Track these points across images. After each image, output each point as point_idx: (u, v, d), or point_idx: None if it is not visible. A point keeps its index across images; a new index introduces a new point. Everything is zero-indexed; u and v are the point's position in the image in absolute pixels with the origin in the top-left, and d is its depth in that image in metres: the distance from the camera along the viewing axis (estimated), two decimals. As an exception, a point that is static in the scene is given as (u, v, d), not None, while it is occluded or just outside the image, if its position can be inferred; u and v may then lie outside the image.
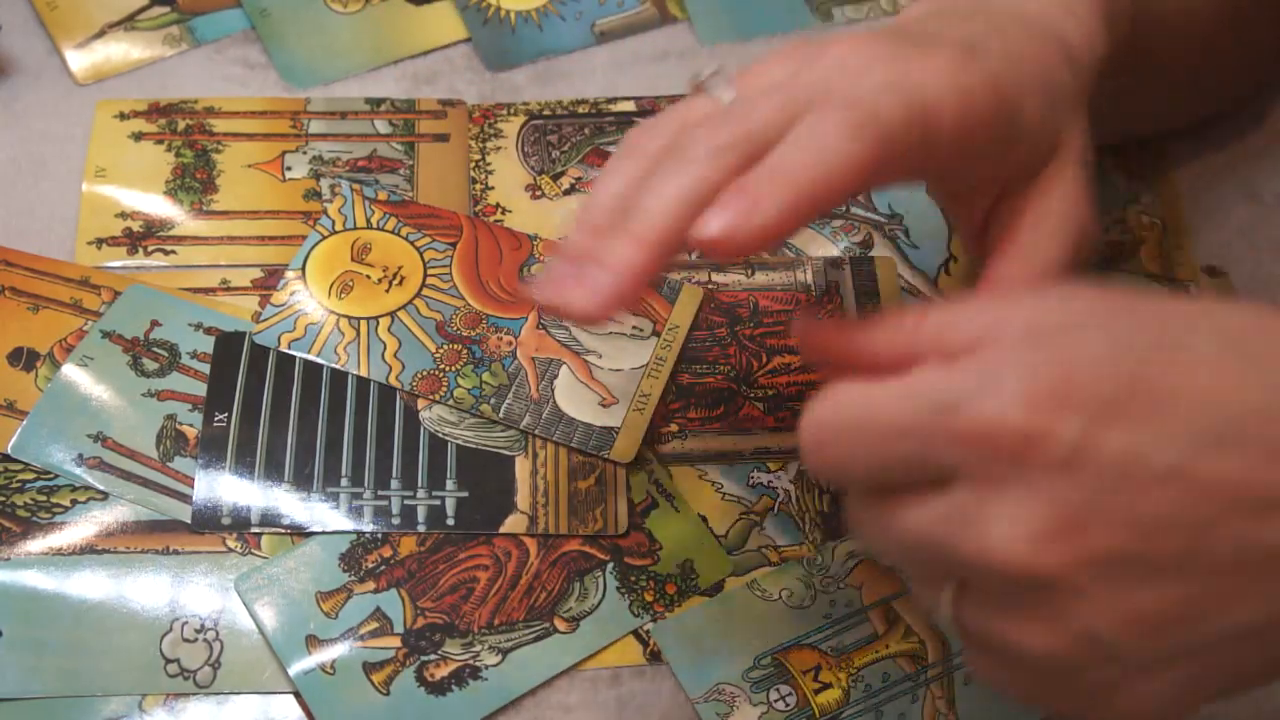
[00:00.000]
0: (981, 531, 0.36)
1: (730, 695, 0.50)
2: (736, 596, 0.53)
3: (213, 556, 0.53)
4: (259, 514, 0.53)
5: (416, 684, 0.50)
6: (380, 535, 0.53)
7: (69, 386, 0.56)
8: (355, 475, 0.54)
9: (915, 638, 0.52)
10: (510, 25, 0.67)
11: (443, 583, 0.52)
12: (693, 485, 0.55)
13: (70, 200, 0.61)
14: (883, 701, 0.51)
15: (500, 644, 0.51)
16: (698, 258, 0.60)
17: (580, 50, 0.67)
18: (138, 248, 0.60)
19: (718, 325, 0.59)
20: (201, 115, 0.63)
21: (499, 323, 0.58)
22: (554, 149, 0.63)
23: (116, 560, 0.52)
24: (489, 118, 0.64)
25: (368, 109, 0.64)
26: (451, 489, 0.54)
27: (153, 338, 0.57)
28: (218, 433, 0.55)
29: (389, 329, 0.57)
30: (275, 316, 0.58)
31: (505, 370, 0.57)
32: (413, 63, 0.66)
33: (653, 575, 0.53)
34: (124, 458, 0.54)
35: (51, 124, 0.63)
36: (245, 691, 0.50)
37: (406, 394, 0.56)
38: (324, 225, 0.60)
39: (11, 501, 0.53)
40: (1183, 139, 0.63)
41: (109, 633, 0.51)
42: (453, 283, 0.59)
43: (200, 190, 0.61)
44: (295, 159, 0.62)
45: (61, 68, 0.65)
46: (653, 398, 0.56)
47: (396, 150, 0.63)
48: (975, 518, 0.36)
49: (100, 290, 0.58)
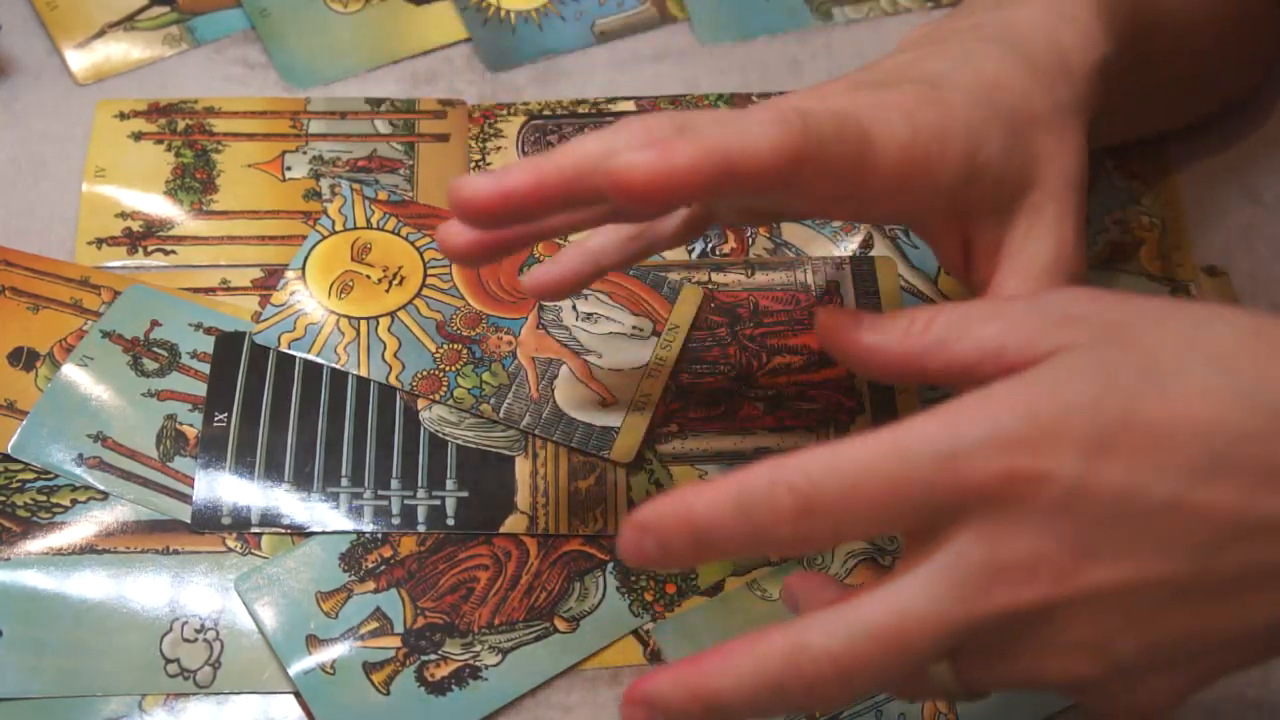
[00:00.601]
0: (993, 577, 0.37)
1: (730, 695, 0.50)
2: (736, 596, 0.53)
3: (213, 556, 0.53)
4: (259, 514, 0.53)
5: (416, 684, 0.50)
6: (380, 535, 0.53)
7: (69, 386, 0.56)
8: (355, 475, 0.54)
9: (915, 638, 0.52)
10: (510, 25, 0.67)
11: (443, 583, 0.52)
12: (693, 485, 0.55)
13: (70, 200, 0.61)
14: (883, 701, 0.51)
15: (500, 644, 0.51)
16: (697, 258, 0.60)
17: (580, 50, 0.67)
18: (138, 248, 0.60)
19: (718, 325, 0.59)
20: (201, 115, 0.63)
21: (499, 323, 0.58)
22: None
23: (116, 560, 0.52)
24: (489, 118, 0.64)
25: (368, 109, 0.64)
26: (451, 489, 0.54)
27: (153, 338, 0.57)
28: (218, 433, 0.55)
29: (389, 329, 0.58)
30: (275, 316, 0.58)
31: (505, 370, 0.57)
32: (413, 63, 0.66)
33: (653, 575, 0.53)
34: (124, 458, 0.54)
35: (51, 124, 0.63)
36: (245, 691, 0.50)
37: (406, 394, 0.56)
38: (324, 225, 0.60)
39: (11, 501, 0.53)
40: (1183, 139, 0.63)
41: (109, 633, 0.51)
42: (453, 283, 0.59)
43: (200, 190, 0.61)
44: (295, 159, 0.62)
45: (61, 68, 0.65)
46: (653, 398, 0.56)
47: (396, 150, 0.63)
48: (985, 564, 0.37)
49: (100, 290, 0.58)
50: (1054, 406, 0.36)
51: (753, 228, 0.61)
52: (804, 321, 0.59)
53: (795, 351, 0.58)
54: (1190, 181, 0.62)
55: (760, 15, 0.68)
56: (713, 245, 0.61)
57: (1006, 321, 0.39)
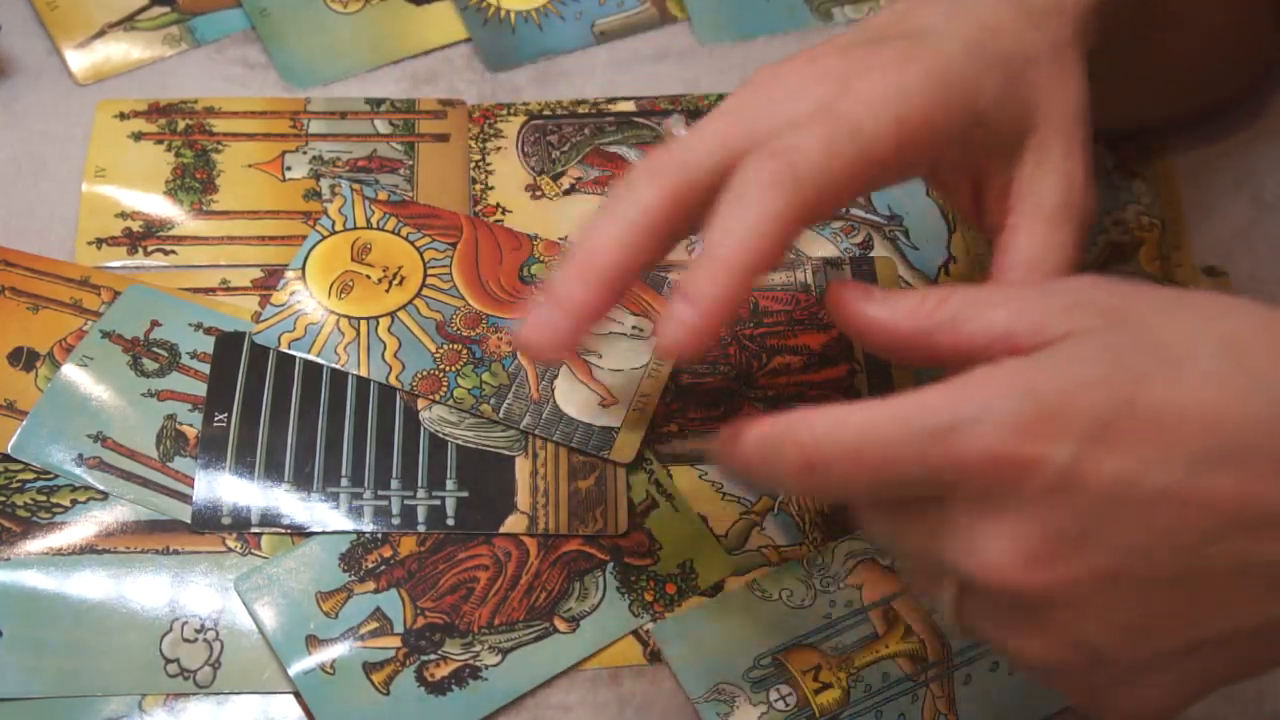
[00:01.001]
0: (977, 548, 0.37)
1: (730, 695, 0.50)
2: (736, 596, 0.53)
3: (213, 556, 0.53)
4: (259, 514, 0.53)
5: (416, 684, 0.50)
6: (380, 535, 0.53)
7: (69, 386, 0.56)
8: (355, 475, 0.54)
9: (915, 638, 0.52)
10: (510, 25, 0.67)
11: (443, 583, 0.52)
12: (693, 485, 0.55)
13: (70, 200, 0.61)
14: (882, 701, 0.51)
15: (500, 644, 0.51)
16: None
17: (580, 50, 0.67)
18: (138, 248, 0.60)
19: (718, 325, 0.58)
20: (201, 115, 0.63)
21: (499, 323, 0.58)
22: (554, 149, 0.63)
23: (116, 560, 0.52)
24: (489, 118, 0.64)
25: (368, 109, 0.64)
26: (451, 489, 0.54)
27: (153, 338, 0.57)
28: (218, 433, 0.55)
29: (389, 329, 0.58)
30: (275, 316, 0.58)
31: (505, 370, 0.57)
32: (413, 63, 0.66)
33: (653, 575, 0.53)
34: (124, 458, 0.54)
35: (51, 124, 0.63)
36: (245, 691, 0.50)
37: (406, 394, 0.56)
38: (324, 225, 0.60)
39: (11, 501, 0.53)
40: (1182, 138, 0.63)
41: (109, 633, 0.51)
42: (453, 283, 0.59)
43: (200, 190, 0.61)
44: (295, 159, 0.62)
45: (61, 68, 0.65)
46: (653, 398, 0.56)
47: (396, 150, 0.63)
48: (970, 536, 0.37)
49: (100, 290, 0.58)
50: (1057, 388, 0.36)
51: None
52: (804, 321, 0.59)
53: (795, 351, 0.58)
54: (1190, 181, 0.62)
55: (760, 15, 0.68)
56: (713, 245, 0.61)
57: (1018, 305, 0.39)
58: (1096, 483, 0.36)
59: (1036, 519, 0.36)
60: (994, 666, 0.51)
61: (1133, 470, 0.36)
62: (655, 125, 0.64)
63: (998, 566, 0.36)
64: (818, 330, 0.58)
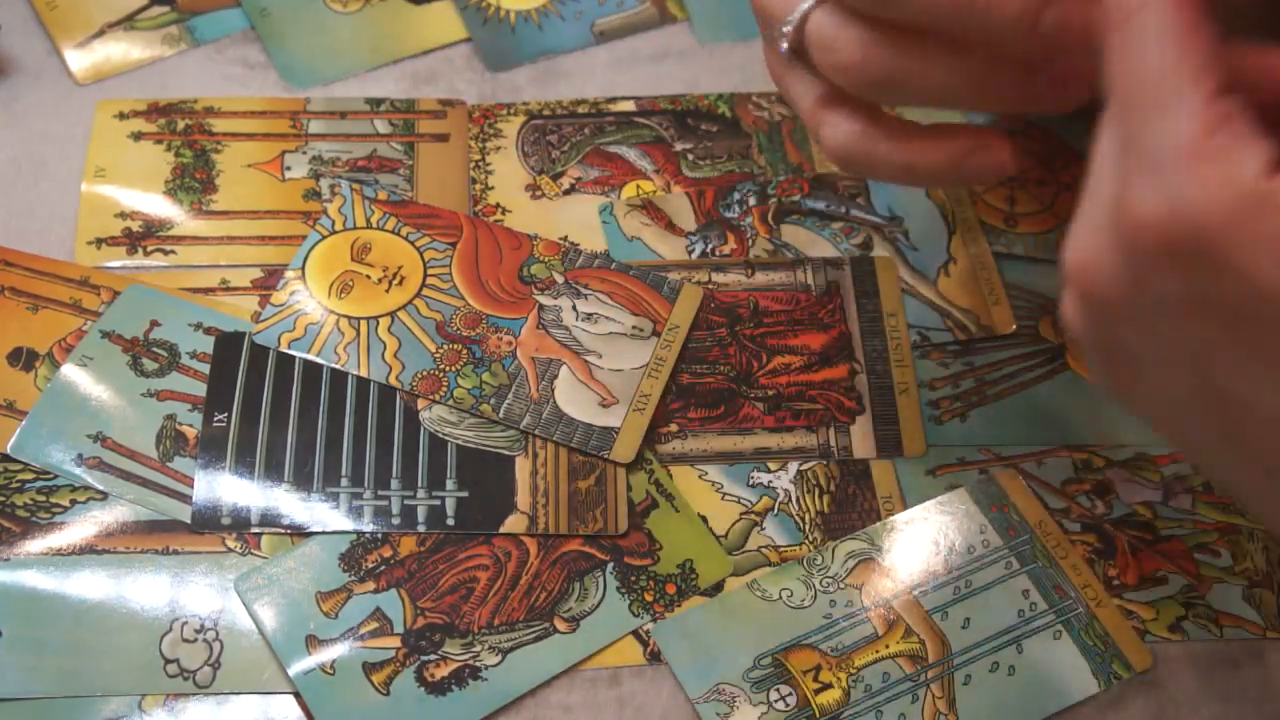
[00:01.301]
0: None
1: (730, 695, 0.50)
2: (736, 596, 0.53)
3: (213, 556, 0.53)
4: (259, 514, 0.53)
5: (416, 684, 0.50)
6: (380, 535, 0.53)
7: (68, 386, 0.56)
8: (355, 475, 0.54)
9: (915, 638, 0.52)
10: (510, 25, 0.67)
11: (443, 583, 0.52)
12: (693, 485, 0.55)
13: (70, 200, 0.61)
14: (883, 701, 0.51)
15: (500, 644, 0.51)
16: (697, 258, 0.60)
17: (580, 50, 0.67)
18: (137, 248, 0.60)
19: (718, 325, 0.59)
20: (201, 115, 0.63)
21: (499, 323, 0.58)
22: (554, 149, 0.63)
23: (116, 560, 0.52)
24: (489, 118, 0.64)
25: (367, 109, 0.64)
26: (451, 489, 0.54)
27: (152, 338, 0.57)
28: (217, 433, 0.55)
29: (389, 329, 0.57)
30: (275, 316, 0.58)
31: (505, 370, 0.57)
32: (413, 63, 0.66)
33: (653, 575, 0.53)
34: (124, 458, 0.54)
35: (51, 124, 0.63)
36: (245, 691, 0.50)
37: (406, 394, 0.56)
38: (324, 225, 0.60)
39: (11, 501, 0.53)
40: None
41: (109, 633, 0.51)
42: (453, 283, 0.59)
43: (200, 190, 0.61)
44: (295, 159, 0.62)
45: (61, 68, 0.65)
46: (653, 398, 0.56)
47: (396, 150, 0.63)
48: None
49: (100, 290, 0.58)
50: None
51: (757, 226, 0.61)
52: (804, 321, 0.59)
53: (795, 351, 0.58)
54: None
55: (760, 15, 0.68)
56: (713, 245, 0.61)
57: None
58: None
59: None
60: (994, 667, 0.51)
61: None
62: (655, 125, 0.64)
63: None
64: (818, 330, 0.59)
